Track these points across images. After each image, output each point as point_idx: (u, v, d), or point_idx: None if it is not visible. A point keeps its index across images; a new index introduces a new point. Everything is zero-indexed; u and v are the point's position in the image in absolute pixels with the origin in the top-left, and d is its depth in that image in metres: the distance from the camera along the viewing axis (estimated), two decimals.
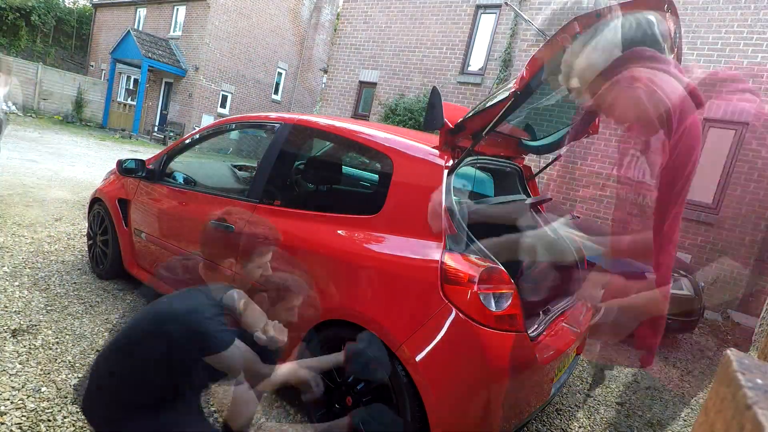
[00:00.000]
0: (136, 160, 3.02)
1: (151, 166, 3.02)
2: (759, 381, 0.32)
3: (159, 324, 1.37)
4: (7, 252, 3.43)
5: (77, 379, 2.12)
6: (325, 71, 10.71)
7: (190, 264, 1.89)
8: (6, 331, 2.39)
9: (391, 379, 1.71)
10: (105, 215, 3.29)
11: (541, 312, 2.09)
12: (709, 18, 6.29)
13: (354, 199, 2.83)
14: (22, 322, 2.51)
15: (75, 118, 17.31)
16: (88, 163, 8.71)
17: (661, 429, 2.74)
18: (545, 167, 2.68)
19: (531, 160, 2.81)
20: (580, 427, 2.56)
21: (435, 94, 1.79)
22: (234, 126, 2.95)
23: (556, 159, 2.64)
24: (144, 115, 18.05)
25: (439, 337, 1.61)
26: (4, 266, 3.17)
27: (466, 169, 2.21)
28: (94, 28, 22.01)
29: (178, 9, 17.69)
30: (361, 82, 9.76)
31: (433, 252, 1.69)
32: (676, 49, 1.46)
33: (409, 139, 2.02)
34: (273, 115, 2.62)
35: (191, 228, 2.63)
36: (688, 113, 1.10)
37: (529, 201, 2.29)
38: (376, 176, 2.94)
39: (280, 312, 1.61)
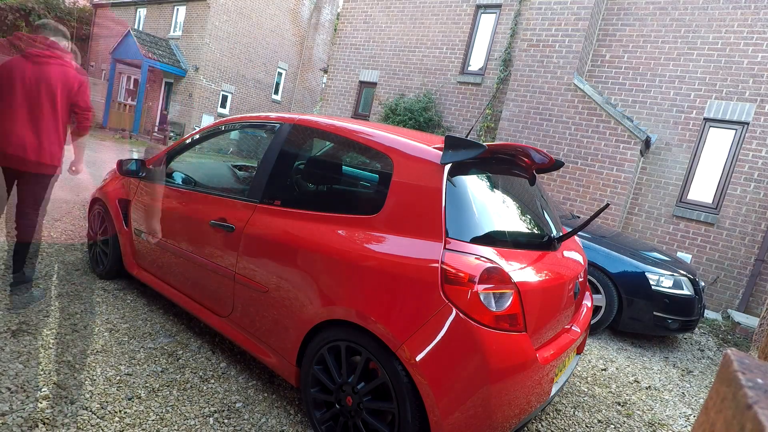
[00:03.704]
0: (136, 160, 3.02)
1: (151, 167, 3.03)
2: (759, 380, 0.32)
3: None
4: (8, 252, 3.43)
5: (77, 380, 2.12)
6: (325, 71, 10.71)
7: None
8: (6, 331, 2.39)
9: (391, 379, 1.71)
10: (105, 215, 3.29)
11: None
12: (709, 18, 6.29)
13: (354, 199, 2.83)
14: (22, 323, 2.51)
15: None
16: (88, 163, 8.70)
17: (661, 429, 2.74)
18: (546, 171, 2.65)
19: None
20: (579, 427, 2.56)
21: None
22: (234, 126, 2.95)
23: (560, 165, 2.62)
24: (144, 115, 18.07)
25: (439, 337, 1.61)
26: (4, 266, 3.17)
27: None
28: (94, 28, 22.01)
29: (178, 9, 17.70)
30: (361, 82, 9.76)
31: (433, 252, 1.68)
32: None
33: (409, 139, 2.02)
34: (273, 115, 2.62)
35: (191, 228, 2.63)
36: None
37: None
38: (376, 176, 2.94)
39: None
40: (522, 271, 1.80)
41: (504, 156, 2.19)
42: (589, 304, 2.66)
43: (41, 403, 1.92)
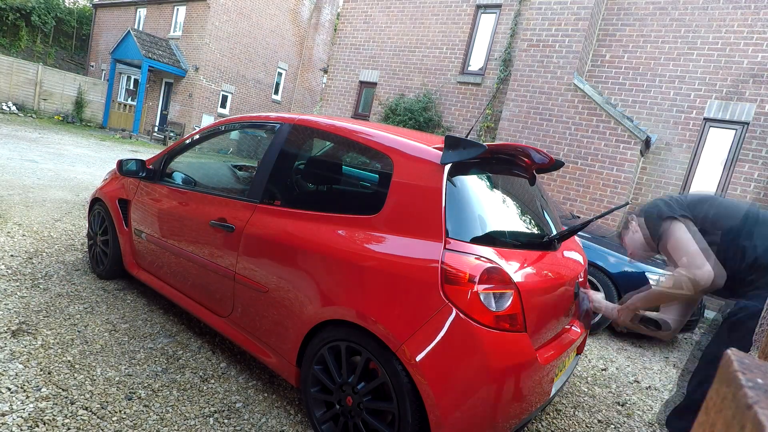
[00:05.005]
0: (136, 160, 3.02)
1: (151, 167, 3.03)
2: (760, 380, 0.31)
3: None
4: (7, 252, 3.43)
5: (77, 380, 2.12)
6: (325, 71, 10.71)
7: None
8: (6, 332, 2.39)
9: (391, 380, 1.71)
10: (105, 215, 3.29)
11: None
12: (709, 18, 6.29)
13: (354, 199, 2.83)
14: (22, 323, 2.51)
15: (75, 118, 17.33)
16: (88, 163, 8.71)
17: (662, 429, 2.74)
18: (546, 171, 2.64)
19: None
20: (580, 427, 2.56)
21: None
22: (234, 126, 2.95)
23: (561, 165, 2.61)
24: (144, 115, 18.08)
25: (439, 337, 1.61)
26: (4, 266, 3.17)
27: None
28: (94, 29, 22.03)
29: (178, 9, 17.71)
30: (361, 82, 9.76)
31: (433, 252, 1.68)
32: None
33: (409, 139, 2.02)
34: (273, 115, 2.62)
35: (191, 228, 2.63)
36: None
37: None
38: (376, 176, 2.94)
39: None
40: (522, 271, 1.80)
41: (504, 156, 2.19)
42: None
43: (41, 403, 1.92)
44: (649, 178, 6.67)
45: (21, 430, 1.75)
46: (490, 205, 2.03)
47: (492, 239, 1.82)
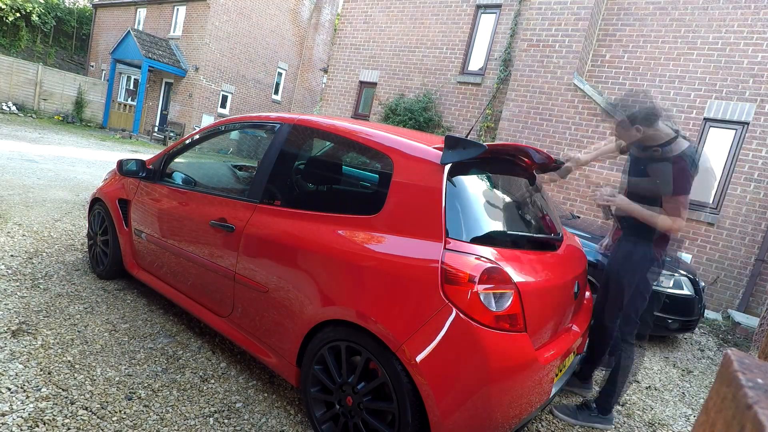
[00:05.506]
0: (136, 160, 3.02)
1: (151, 167, 3.03)
2: (760, 381, 0.32)
3: None
4: (7, 252, 3.43)
5: (77, 380, 2.12)
6: (325, 71, 10.71)
7: None
8: (6, 332, 2.39)
9: (391, 380, 1.71)
10: (105, 215, 3.29)
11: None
12: (709, 18, 6.29)
13: (354, 199, 2.83)
14: (22, 323, 2.51)
15: (75, 118, 17.33)
16: (88, 163, 8.71)
17: (661, 429, 2.74)
18: (547, 171, 2.65)
19: None
20: (580, 427, 2.56)
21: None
22: (234, 126, 2.95)
23: (559, 165, 2.61)
24: (144, 115, 18.08)
25: (439, 338, 1.61)
26: (4, 266, 3.17)
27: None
28: (94, 29, 22.02)
29: (178, 9, 17.71)
30: (361, 82, 9.76)
31: (433, 252, 1.68)
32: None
33: (409, 139, 2.02)
34: (273, 115, 2.62)
35: (191, 228, 2.63)
36: None
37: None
38: (376, 176, 2.94)
39: None
40: (522, 271, 1.80)
41: (504, 156, 2.19)
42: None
43: (41, 403, 1.92)
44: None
45: (21, 430, 1.75)
46: (490, 205, 2.03)
47: (492, 239, 1.82)
